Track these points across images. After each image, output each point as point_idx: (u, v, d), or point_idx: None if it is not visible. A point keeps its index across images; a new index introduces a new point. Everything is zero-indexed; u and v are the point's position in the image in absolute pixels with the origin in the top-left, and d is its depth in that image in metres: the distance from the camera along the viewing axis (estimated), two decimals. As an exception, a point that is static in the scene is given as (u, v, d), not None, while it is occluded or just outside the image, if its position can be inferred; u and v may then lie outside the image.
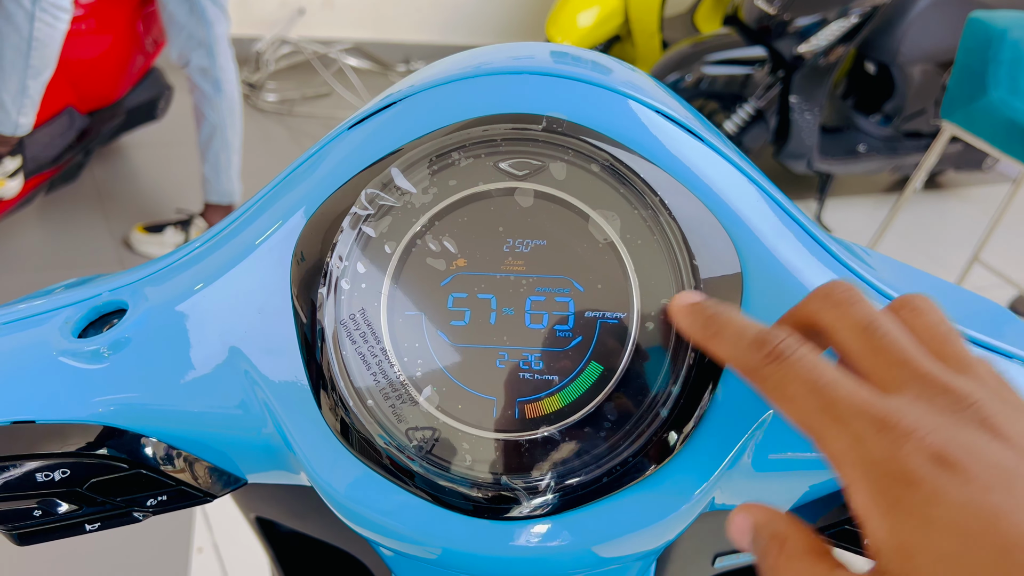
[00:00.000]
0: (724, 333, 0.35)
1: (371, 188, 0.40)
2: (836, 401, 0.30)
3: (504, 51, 0.47)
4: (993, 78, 2.07)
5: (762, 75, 3.01)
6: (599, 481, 0.38)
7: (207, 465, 0.43)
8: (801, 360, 0.31)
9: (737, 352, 0.34)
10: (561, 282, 0.39)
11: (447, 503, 0.38)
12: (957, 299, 0.46)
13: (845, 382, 0.30)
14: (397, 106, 0.43)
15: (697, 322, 0.36)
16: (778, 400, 0.32)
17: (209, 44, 2.30)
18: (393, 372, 0.38)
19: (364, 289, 0.39)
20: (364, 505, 0.38)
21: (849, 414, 0.29)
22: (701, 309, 0.36)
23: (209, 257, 0.44)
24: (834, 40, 2.93)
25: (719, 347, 0.35)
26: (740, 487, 0.40)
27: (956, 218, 3.70)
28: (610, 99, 0.42)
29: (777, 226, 0.41)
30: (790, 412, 0.31)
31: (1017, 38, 2.05)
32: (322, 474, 0.39)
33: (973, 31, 2.11)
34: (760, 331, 0.34)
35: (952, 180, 3.99)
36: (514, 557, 0.38)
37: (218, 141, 2.40)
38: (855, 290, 0.34)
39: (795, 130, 3.10)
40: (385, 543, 0.41)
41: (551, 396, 0.38)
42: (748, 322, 0.35)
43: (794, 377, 0.31)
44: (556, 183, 0.40)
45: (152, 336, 0.41)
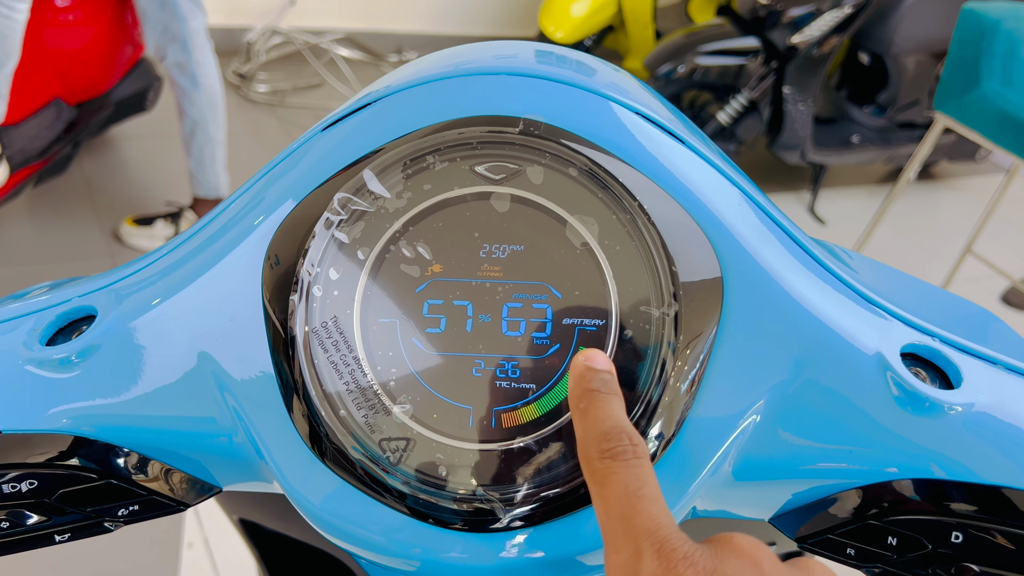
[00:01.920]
0: (588, 413, 0.35)
1: (344, 192, 0.39)
2: (639, 515, 0.31)
3: (488, 49, 0.46)
4: (986, 69, 2.07)
5: (755, 66, 3.00)
6: (577, 491, 0.37)
7: (179, 474, 0.42)
8: (631, 468, 0.33)
9: (586, 437, 0.35)
10: (538, 288, 0.39)
11: (423, 515, 0.37)
12: (939, 302, 0.45)
13: (659, 504, 0.32)
14: (371, 107, 0.42)
15: (577, 389, 0.36)
16: (595, 497, 0.33)
17: (183, 39, 2.27)
18: (366, 381, 0.38)
19: (336, 296, 0.38)
20: (337, 516, 0.38)
21: (642, 531, 0.31)
22: (589, 379, 0.36)
23: (180, 262, 0.43)
24: (828, 30, 2.91)
25: (577, 424, 0.36)
26: (721, 495, 0.40)
27: (949, 209, 3.69)
28: (589, 100, 0.41)
29: (758, 230, 0.40)
30: (599, 512, 0.33)
31: (1010, 29, 2.04)
32: (295, 485, 0.38)
33: (966, 22, 2.10)
34: (614, 427, 0.34)
35: (945, 171, 3.98)
36: (492, 567, 0.37)
37: (200, 136, 2.38)
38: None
39: (788, 121, 3.09)
40: (360, 554, 0.40)
41: (528, 405, 0.38)
42: (614, 413, 0.35)
43: (616, 479, 0.33)
44: (533, 187, 0.39)
45: (122, 343, 0.41)
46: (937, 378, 0.40)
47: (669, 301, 0.38)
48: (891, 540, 0.38)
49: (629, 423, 0.35)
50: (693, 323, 0.38)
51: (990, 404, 0.38)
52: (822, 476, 0.39)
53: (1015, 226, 3.48)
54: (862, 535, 0.38)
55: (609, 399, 0.35)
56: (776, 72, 3.02)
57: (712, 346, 0.38)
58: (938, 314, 0.43)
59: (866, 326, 0.40)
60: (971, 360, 0.40)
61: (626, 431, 0.34)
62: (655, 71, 2.99)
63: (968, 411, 0.38)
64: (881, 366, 0.38)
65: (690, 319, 0.38)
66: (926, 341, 0.40)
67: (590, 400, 0.35)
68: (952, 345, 0.40)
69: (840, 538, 0.39)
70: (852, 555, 0.39)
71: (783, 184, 3.54)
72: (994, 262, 2.51)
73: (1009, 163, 2.34)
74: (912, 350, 0.40)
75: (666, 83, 3.00)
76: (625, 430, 0.34)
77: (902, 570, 0.38)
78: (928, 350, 0.40)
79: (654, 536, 0.30)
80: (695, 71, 2.98)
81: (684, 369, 0.37)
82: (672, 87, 3.03)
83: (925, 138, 2.35)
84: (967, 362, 0.40)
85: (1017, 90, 2.05)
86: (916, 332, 0.40)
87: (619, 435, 0.34)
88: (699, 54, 2.97)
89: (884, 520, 0.38)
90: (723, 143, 3.12)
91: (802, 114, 3.09)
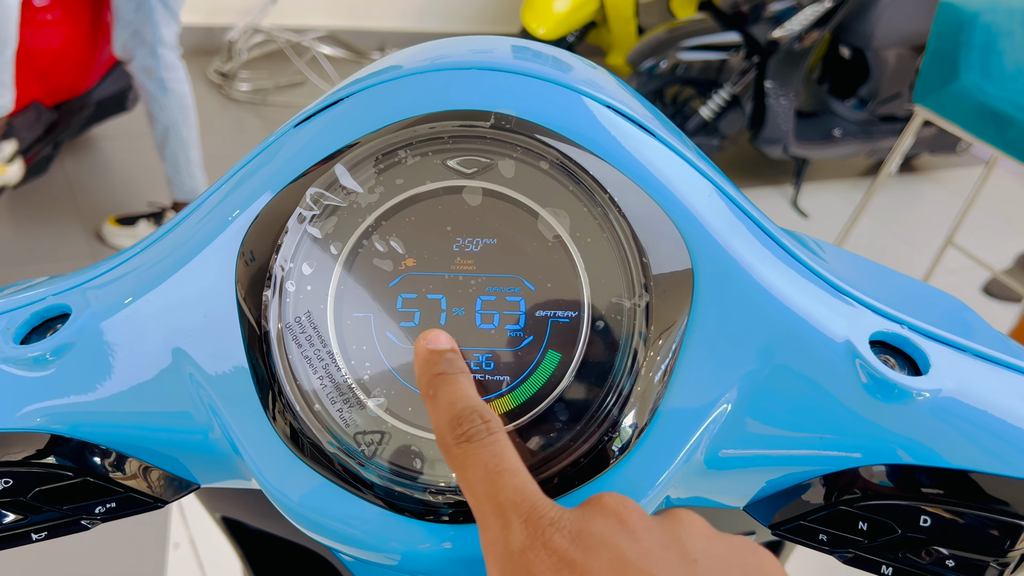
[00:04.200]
0: (438, 398, 0.35)
1: (316, 188, 0.39)
2: (503, 489, 0.32)
3: (464, 44, 0.46)
4: (965, 62, 2.08)
5: (737, 60, 3.01)
6: (551, 481, 0.37)
7: (157, 471, 0.42)
8: (489, 446, 0.33)
9: (439, 423, 0.35)
10: (512, 281, 0.39)
11: (400, 508, 0.38)
12: (910, 291, 0.46)
13: (520, 475, 0.32)
14: (343, 103, 0.42)
15: (424, 377, 0.36)
16: (460, 481, 0.34)
17: (153, 44, 2.25)
18: (340, 375, 0.38)
19: (310, 291, 0.39)
20: (313, 510, 0.38)
21: (508, 504, 0.31)
22: (434, 363, 0.36)
23: (154, 260, 0.43)
24: (808, 25, 2.93)
25: (430, 410, 0.36)
26: (695, 483, 0.40)
27: (930, 201, 3.72)
28: (560, 94, 0.41)
29: (729, 221, 0.41)
30: (466, 495, 0.33)
31: (988, 22, 2.06)
32: (271, 480, 0.38)
33: (945, 15, 2.11)
34: (464, 409, 0.34)
35: (927, 163, 4.01)
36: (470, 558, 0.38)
37: (173, 140, 2.37)
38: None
39: (771, 115, 3.11)
40: (338, 548, 0.40)
41: (502, 396, 0.38)
42: (462, 394, 0.35)
43: (475, 461, 0.33)
44: (505, 181, 0.39)
45: (96, 341, 0.41)
46: (906, 365, 0.40)
47: (640, 292, 0.38)
48: (862, 525, 0.38)
49: (479, 400, 0.35)
50: (664, 313, 0.38)
51: (957, 390, 0.39)
52: (793, 463, 0.39)
53: (996, 217, 3.51)
54: (833, 521, 0.39)
55: (456, 379, 0.36)
56: (758, 67, 3.03)
57: (683, 336, 0.38)
58: (908, 303, 0.43)
59: (835, 314, 0.40)
60: (939, 347, 0.40)
61: (477, 410, 0.34)
62: (637, 66, 2.99)
63: (935, 397, 0.38)
64: (850, 353, 0.39)
65: (661, 310, 0.38)
66: (894, 329, 0.40)
67: (438, 385, 0.35)
68: (920, 332, 0.41)
69: (812, 524, 0.40)
70: (824, 541, 0.40)
71: (766, 178, 3.56)
72: (975, 254, 2.53)
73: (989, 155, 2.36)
74: (881, 338, 0.40)
75: (648, 78, 3.01)
76: (476, 409, 0.34)
77: (873, 555, 0.39)
78: (896, 337, 0.40)
79: (520, 507, 0.31)
80: (677, 66, 2.99)
81: (656, 359, 0.38)
82: (655, 82, 3.04)
83: (905, 131, 2.37)
84: (935, 349, 0.40)
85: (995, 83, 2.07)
86: (885, 320, 0.41)
87: (471, 416, 0.34)
88: (681, 49, 2.98)
89: (854, 506, 0.38)
90: (706, 138, 3.13)
91: (784, 108, 3.11)
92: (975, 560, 0.37)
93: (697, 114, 3.09)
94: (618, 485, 0.37)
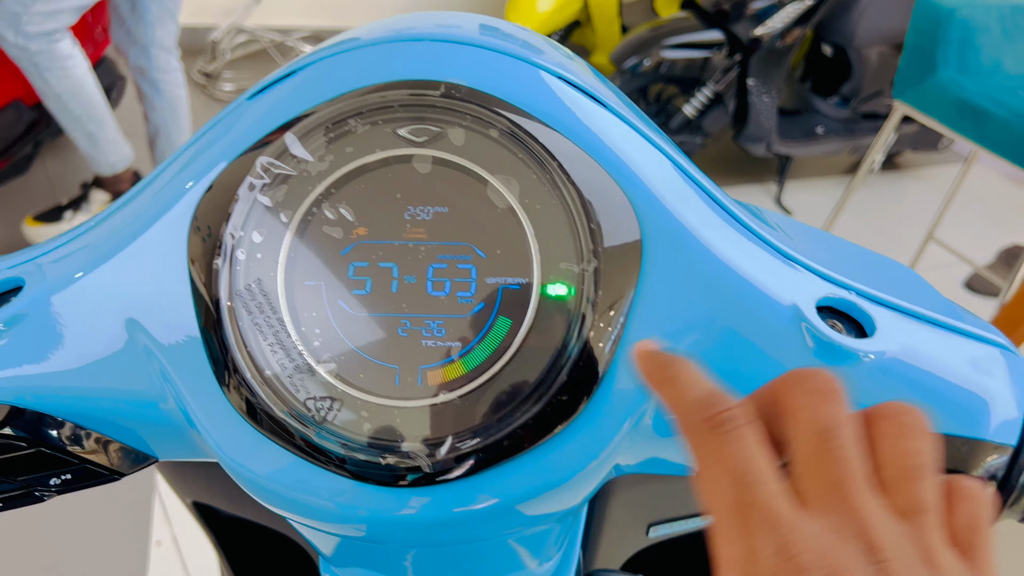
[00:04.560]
0: (677, 381, 0.33)
1: (266, 157, 0.39)
2: (751, 504, 0.28)
3: (431, 18, 0.46)
4: (942, 57, 2.10)
5: (720, 58, 3.02)
6: (501, 444, 0.37)
7: (113, 443, 0.42)
8: (738, 440, 0.30)
9: (684, 403, 0.32)
10: (463, 249, 0.39)
11: (353, 473, 0.38)
12: (861, 260, 0.46)
13: (769, 486, 0.28)
14: (297, 74, 0.42)
15: (654, 364, 0.35)
16: (701, 472, 0.30)
17: (145, 44, 2.22)
18: (290, 342, 0.38)
19: (260, 259, 0.39)
20: (258, 474, 0.38)
21: (757, 524, 0.27)
22: (658, 355, 0.35)
23: (108, 233, 0.43)
24: (789, 22, 2.94)
25: (669, 392, 0.33)
26: (645, 450, 0.41)
27: (913, 198, 3.74)
28: (509, 65, 0.41)
29: (677, 189, 0.41)
30: (705, 491, 0.30)
31: (965, 17, 2.08)
32: (224, 447, 0.39)
33: (922, 11, 2.13)
34: (711, 391, 0.32)
35: (909, 161, 4.04)
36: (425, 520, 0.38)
37: (162, 141, 2.35)
38: (833, 388, 0.31)
39: (753, 113, 3.12)
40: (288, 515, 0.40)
41: (453, 362, 0.38)
42: (702, 377, 0.33)
43: (723, 456, 0.29)
44: (454, 149, 0.39)
45: (49, 313, 0.41)
46: (853, 329, 0.41)
47: (589, 258, 0.38)
48: None
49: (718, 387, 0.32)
50: (613, 279, 0.38)
51: (901, 352, 0.39)
52: None
53: (978, 214, 3.54)
54: None
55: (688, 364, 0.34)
56: (740, 65, 3.05)
57: (632, 300, 0.39)
58: (860, 271, 0.44)
59: (783, 280, 0.41)
60: (885, 311, 0.41)
61: (721, 395, 0.31)
62: (621, 65, 3.00)
63: (880, 359, 0.39)
64: (796, 317, 0.39)
65: (610, 275, 0.38)
66: (841, 294, 0.41)
67: (671, 369, 0.34)
68: (867, 297, 0.41)
69: None
70: None
71: (750, 176, 3.58)
72: (958, 249, 2.55)
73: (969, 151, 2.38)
74: (829, 303, 0.41)
75: (632, 76, 3.02)
76: (720, 394, 0.32)
77: None
78: (843, 302, 0.41)
79: (772, 530, 0.27)
80: (661, 64, 3.00)
81: (604, 323, 0.38)
82: (638, 80, 3.05)
83: (885, 125, 2.39)
84: (881, 313, 0.41)
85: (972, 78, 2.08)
86: (832, 285, 0.42)
87: (716, 400, 0.31)
88: (664, 48, 2.99)
89: None
90: (689, 136, 3.14)
91: (767, 106, 3.12)
92: (919, 519, 0.37)
93: (680, 112, 3.10)
94: (566, 449, 0.38)
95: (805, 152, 3.35)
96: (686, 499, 0.67)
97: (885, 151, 2.47)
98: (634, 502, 0.64)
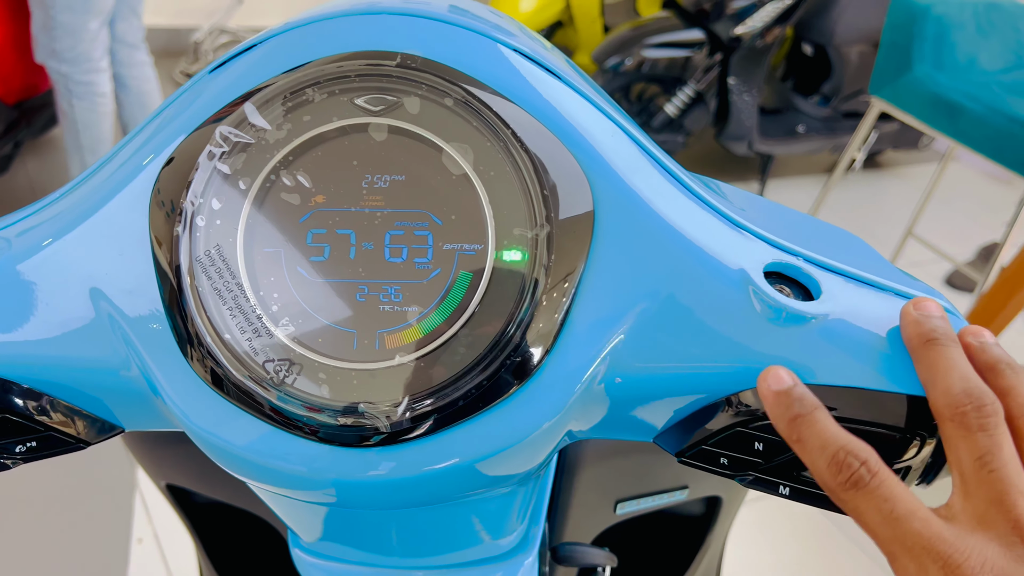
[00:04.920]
0: (806, 441, 0.36)
1: (225, 126, 0.40)
2: (907, 534, 0.32)
3: None
4: (918, 53, 2.12)
5: (701, 58, 3.04)
6: (456, 404, 0.38)
7: (78, 411, 0.43)
8: (876, 490, 0.34)
9: (817, 467, 0.36)
10: (419, 216, 0.40)
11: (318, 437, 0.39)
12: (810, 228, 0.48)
13: (918, 515, 0.33)
14: (257, 48, 0.43)
15: (783, 417, 0.37)
16: (857, 522, 0.35)
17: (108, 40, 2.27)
18: (249, 306, 0.39)
19: (219, 225, 0.39)
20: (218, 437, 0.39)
21: (918, 547, 0.32)
22: (786, 406, 0.37)
23: (73, 204, 0.44)
24: (769, 21, 2.97)
25: (801, 452, 0.37)
26: (596, 412, 0.41)
27: (894, 195, 3.78)
28: (465, 37, 0.42)
29: (630, 158, 0.42)
30: (868, 532, 0.34)
31: (940, 14, 2.10)
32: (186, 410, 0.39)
33: (898, 8, 2.15)
34: (839, 450, 0.35)
35: (890, 159, 4.07)
36: (373, 482, 0.39)
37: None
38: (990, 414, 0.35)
39: (735, 112, 3.15)
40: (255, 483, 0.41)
41: (411, 326, 0.39)
42: (829, 435, 0.36)
43: (869, 507, 0.34)
44: (410, 118, 0.40)
45: (13, 281, 0.41)
46: (800, 294, 0.42)
47: (542, 223, 0.39)
48: (758, 446, 0.40)
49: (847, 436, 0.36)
50: (565, 243, 0.39)
51: (845, 313, 0.40)
52: (690, 389, 0.40)
53: (958, 211, 3.57)
54: (732, 443, 0.40)
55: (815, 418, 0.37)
56: (721, 64, 3.07)
57: (584, 264, 0.40)
58: (806, 238, 0.45)
59: (731, 246, 0.42)
60: (830, 276, 0.42)
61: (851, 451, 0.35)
62: (603, 64, 3.02)
63: (824, 320, 0.40)
64: (744, 282, 0.40)
65: (562, 240, 0.39)
66: (788, 259, 0.42)
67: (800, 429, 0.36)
68: (813, 263, 0.43)
69: (713, 448, 0.41)
70: (725, 464, 0.41)
71: (732, 174, 3.60)
72: (939, 247, 2.57)
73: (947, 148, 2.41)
74: (775, 268, 0.42)
75: (614, 76, 3.03)
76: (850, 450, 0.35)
77: (771, 476, 0.41)
78: (790, 267, 0.42)
79: (932, 552, 0.32)
80: (643, 64, 3.02)
81: (557, 287, 0.39)
82: (620, 80, 3.06)
83: (862, 122, 2.41)
84: (826, 277, 0.42)
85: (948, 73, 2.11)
86: (779, 251, 0.43)
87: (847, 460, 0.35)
88: (646, 47, 3.01)
89: (750, 427, 0.40)
90: (671, 134, 3.16)
91: (747, 105, 3.15)
92: (863, 474, 0.39)
93: (662, 111, 3.12)
94: (521, 410, 0.39)
95: (786, 150, 3.38)
96: (652, 476, 0.68)
97: (866, 149, 2.49)
98: (601, 478, 0.65)
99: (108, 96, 2.22)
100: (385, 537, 0.49)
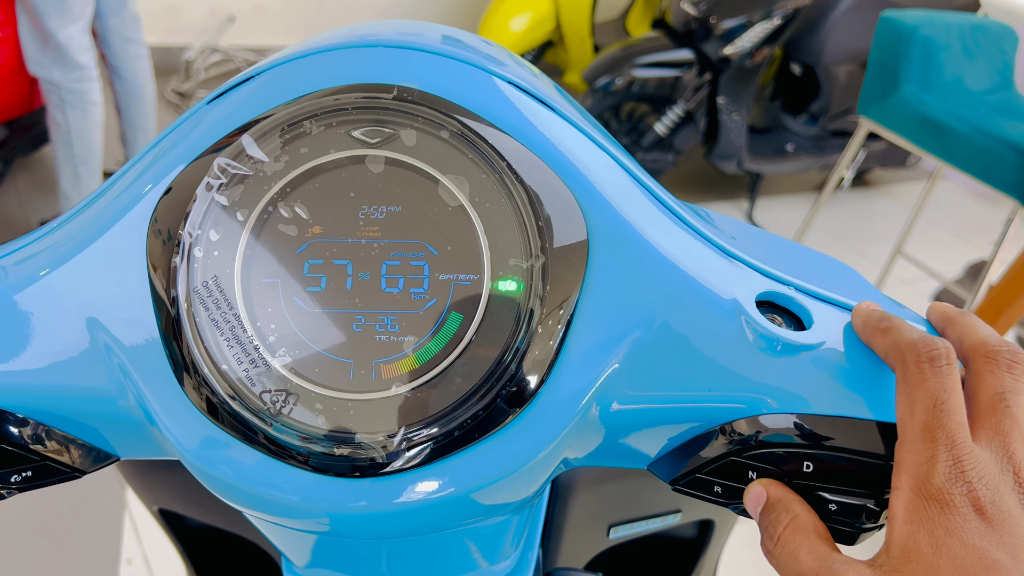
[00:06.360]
0: (892, 329, 0.39)
1: (223, 158, 0.40)
2: (941, 426, 0.35)
3: (392, 26, 0.48)
4: (905, 74, 2.15)
5: (691, 77, 3.07)
6: (451, 435, 0.38)
7: (74, 440, 0.43)
8: (945, 375, 0.36)
9: (899, 343, 0.38)
10: (415, 247, 0.40)
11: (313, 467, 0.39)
12: (802, 258, 0.48)
13: (957, 417, 0.36)
14: (254, 79, 0.44)
15: (872, 317, 0.41)
16: (903, 395, 0.37)
17: (102, 33, 2.34)
18: (246, 337, 0.39)
19: (217, 257, 0.40)
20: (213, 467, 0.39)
21: (942, 440, 0.35)
22: (878, 311, 0.41)
23: (70, 233, 0.44)
24: (758, 41, 3.00)
25: (883, 338, 0.39)
26: (592, 440, 0.42)
27: (883, 214, 3.80)
28: (460, 69, 0.43)
29: (624, 188, 0.43)
30: (903, 412, 0.37)
31: (927, 35, 2.13)
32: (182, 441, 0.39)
33: (885, 29, 2.18)
34: (925, 335, 0.38)
35: (879, 178, 4.10)
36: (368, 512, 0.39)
37: (123, 123, 2.49)
38: (1013, 361, 0.38)
39: (724, 131, 3.17)
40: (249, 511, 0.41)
41: (407, 356, 0.39)
42: (916, 327, 0.39)
43: (929, 387, 0.36)
44: (406, 150, 0.41)
45: (10, 311, 0.41)
46: (792, 323, 0.42)
47: (537, 254, 0.40)
48: (751, 475, 0.40)
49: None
50: (560, 274, 0.40)
51: (837, 342, 0.41)
52: (684, 419, 0.41)
53: (946, 230, 3.60)
54: (726, 472, 0.41)
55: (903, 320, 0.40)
56: (710, 83, 3.09)
57: (578, 294, 0.40)
58: (798, 267, 0.46)
59: (724, 276, 0.42)
60: (822, 305, 0.43)
61: (934, 338, 0.38)
62: (593, 83, 3.04)
63: (817, 351, 0.40)
64: (737, 311, 0.41)
65: (557, 270, 0.40)
66: (780, 289, 0.43)
67: (889, 321, 0.40)
68: (805, 292, 0.43)
69: (707, 476, 0.41)
70: (719, 492, 0.41)
71: (721, 193, 3.62)
72: (927, 265, 2.59)
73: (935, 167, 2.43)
74: (767, 297, 0.43)
75: (604, 95, 3.05)
76: (933, 337, 0.38)
77: None
78: (782, 297, 0.42)
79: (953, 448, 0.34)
80: (632, 83, 3.04)
81: (552, 317, 0.39)
82: (610, 99, 3.08)
83: (851, 142, 2.43)
84: (817, 307, 0.42)
85: (934, 94, 2.13)
86: (771, 281, 0.43)
87: (931, 341, 0.37)
88: (636, 66, 3.03)
89: (743, 456, 0.40)
90: (661, 153, 3.18)
91: (736, 124, 3.17)
92: (853, 504, 0.39)
93: (652, 130, 3.14)
94: (517, 440, 0.39)
95: (775, 169, 3.40)
96: (645, 500, 0.68)
97: (854, 168, 2.51)
98: (594, 503, 0.66)
99: (100, 105, 2.28)
100: (379, 563, 0.49)
